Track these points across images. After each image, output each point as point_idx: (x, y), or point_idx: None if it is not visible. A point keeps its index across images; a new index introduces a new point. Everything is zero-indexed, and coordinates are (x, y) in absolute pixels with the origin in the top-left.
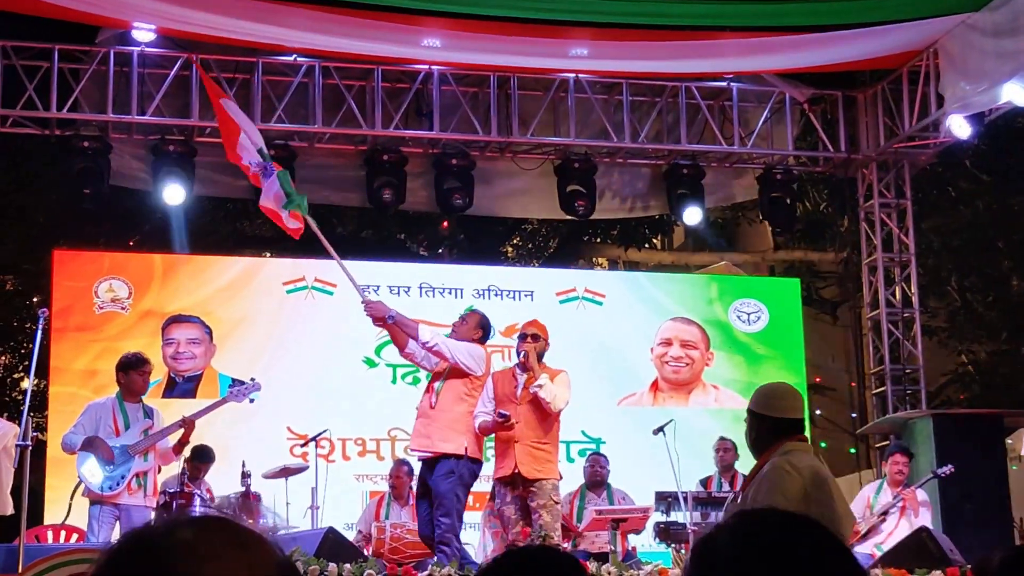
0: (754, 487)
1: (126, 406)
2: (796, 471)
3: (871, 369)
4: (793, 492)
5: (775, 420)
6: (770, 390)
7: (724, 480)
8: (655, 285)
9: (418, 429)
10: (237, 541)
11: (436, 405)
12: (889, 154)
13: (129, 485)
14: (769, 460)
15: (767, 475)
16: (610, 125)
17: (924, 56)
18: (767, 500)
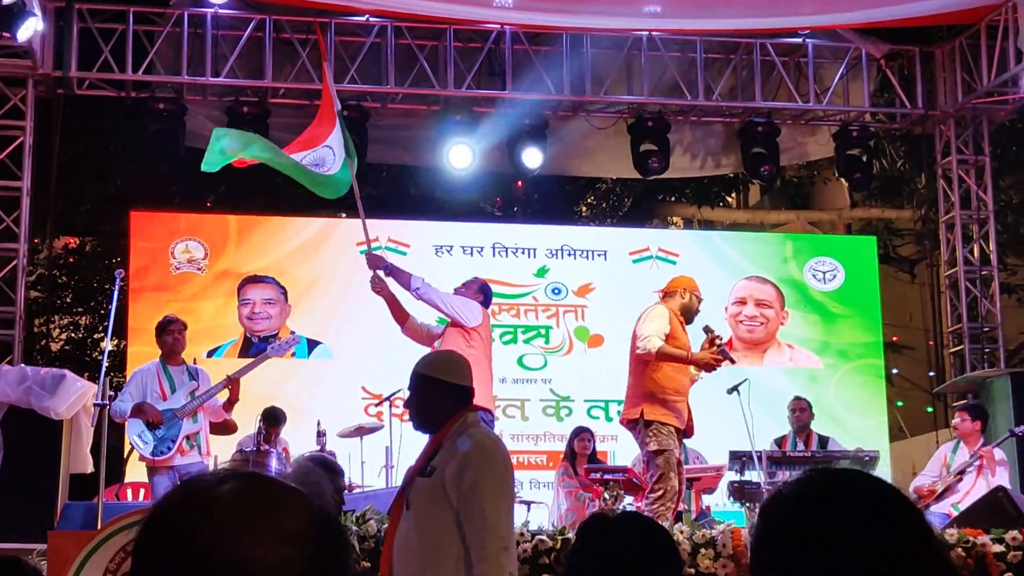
0: (456, 463)
1: (170, 370)
2: (495, 444)
3: (949, 328)
4: (502, 465)
5: (459, 387)
6: (448, 355)
7: (799, 440)
8: (729, 244)
9: None
10: (273, 492)
11: None
12: (967, 110)
13: (180, 447)
14: (460, 432)
15: (474, 451)
16: (683, 83)
17: (1003, 10)
18: (481, 476)
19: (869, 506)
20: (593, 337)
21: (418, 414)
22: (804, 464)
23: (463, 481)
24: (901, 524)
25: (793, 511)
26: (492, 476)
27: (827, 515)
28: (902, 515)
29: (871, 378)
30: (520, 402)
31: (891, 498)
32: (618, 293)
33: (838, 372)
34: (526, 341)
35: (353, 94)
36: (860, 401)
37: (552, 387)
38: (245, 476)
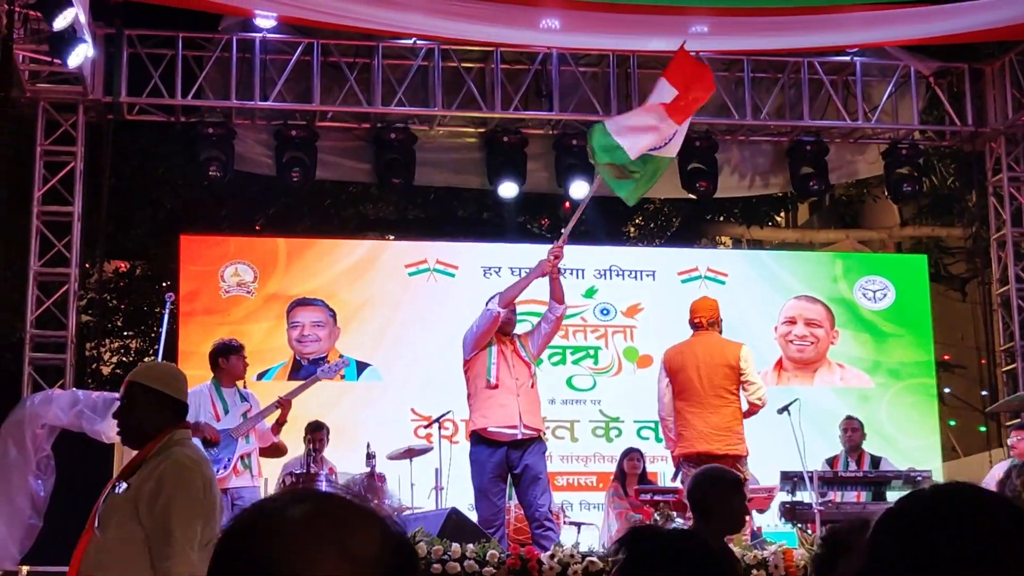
0: (153, 482)
1: (223, 391)
2: (196, 465)
3: (1001, 346)
4: (199, 487)
5: (175, 402)
6: (167, 368)
7: (851, 460)
8: (778, 263)
9: (523, 407)
10: (363, 517)
11: (535, 385)
12: (1018, 127)
13: (235, 468)
14: (165, 449)
15: (170, 470)
16: (731, 102)
17: None
18: (175, 497)
19: (990, 518)
20: (642, 358)
21: (126, 426)
22: (856, 485)
23: (157, 501)
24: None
25: (916, 525)
26: (186, 497)
27: (950, 529)
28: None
29: (923, 397)
30: (570, 423)
31: (1011, 510)
32: (667, 313)
33: (889, 391)
34: (575, 362)
35: (400, 117)
36: (912, 420)
37: (601, 408)
38: (319, 496)
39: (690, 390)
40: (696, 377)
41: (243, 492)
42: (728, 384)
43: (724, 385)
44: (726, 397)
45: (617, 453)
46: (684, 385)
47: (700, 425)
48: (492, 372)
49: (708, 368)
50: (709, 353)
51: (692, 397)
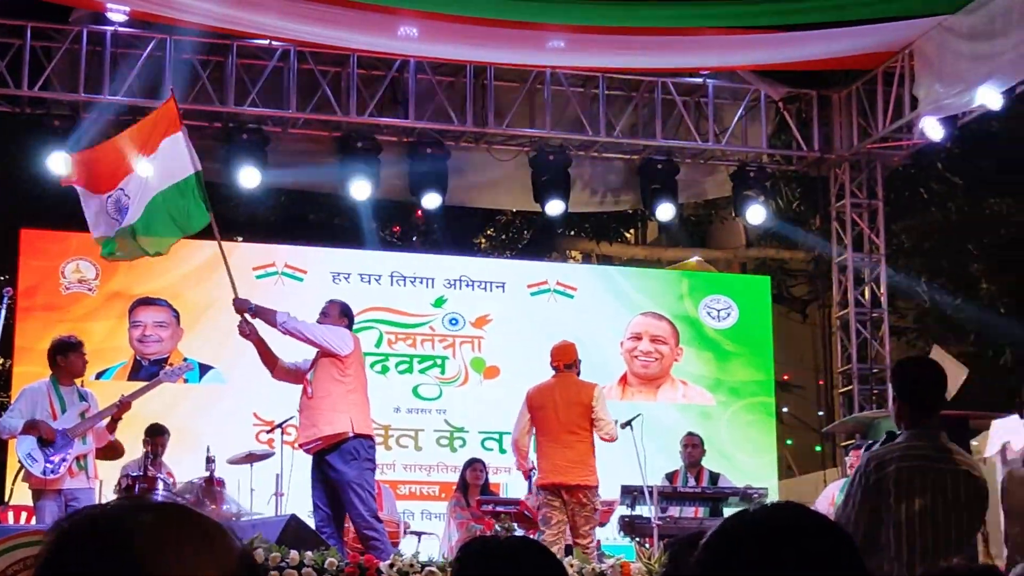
0: None
1: (61, 390)
2: None
3: (839, 368)
4: None
5: None
6: None
7: (690, 475)
8: (627, 279)
9: (302, 423)
10: (201, 531)
11: (313, 394)
12: (862, 154)
13: (71, 469)
14: None
15: None
16: (585, 118)
17: (899, 57)
18: None
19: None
20: (489, 368)
21: None
22: (694, 500)
23: None
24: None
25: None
26: None
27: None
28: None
29: (762, 416)
30: (414, 432)
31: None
32: (515, 325)
33: (730, 409)
34: (422, 371)
35: (253, 117)
36: (750, 438)
37: (447, 418)
38: (162, 508)
39: (549, 427)
40: (554, 415)
41: (78, 494)
42: (582, 421)
43: (579, 423)
44: (580, 433)
45: (461, 463)
46: (543, 422)
47: (557, 459)
48: None
49: (565, 407)
50: (566, 394)
51: (550, 433)
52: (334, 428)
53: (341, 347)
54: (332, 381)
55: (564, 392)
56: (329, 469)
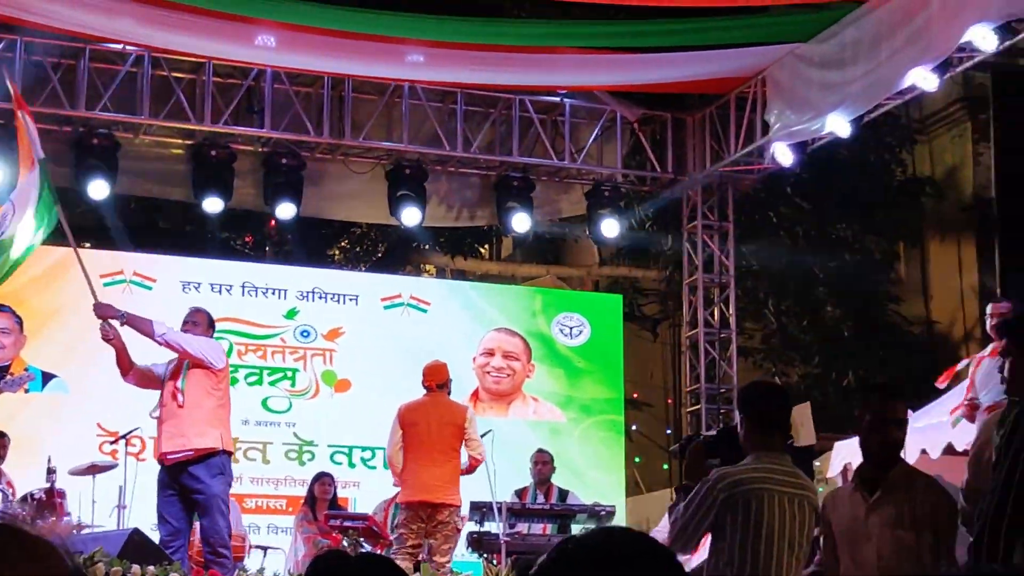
0: None
1: None
2: None
3: (687, 387)
4: None
5: None
6: None
7: (539, 492)
8: (480, 295)
9: (167, 432)
10: (29, 549)
11: (185, 403)
12: (714, 177)
13: None
14: None
15: None
16: (443, 133)
17: (752, 83)
18: None
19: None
20: (340, 382)
21: None
22: (543, 517)
23: None
24: None
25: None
26: None
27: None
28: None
29: (611, 433)
30: (262, 445)
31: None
32: (368, 339)
33: (580, 426)
34: (272, 383)
35: (104, 122)
36: (600, 455)
37: (296, 431)
38: None
39: (420, 445)
40: (427, 434)
41: None
42: (454, 442)
43: (451, 443)
44: (450, 453)
45: (309, 477)
46: (414, 439)
47: (425, 477)
48: None
49: (438, 427)
50: (439, 413)
51: (421, 450)
52: (205, 442)
53: (216, 361)
54: (205, 393)
55: (437, 412)
56: (194, 483)
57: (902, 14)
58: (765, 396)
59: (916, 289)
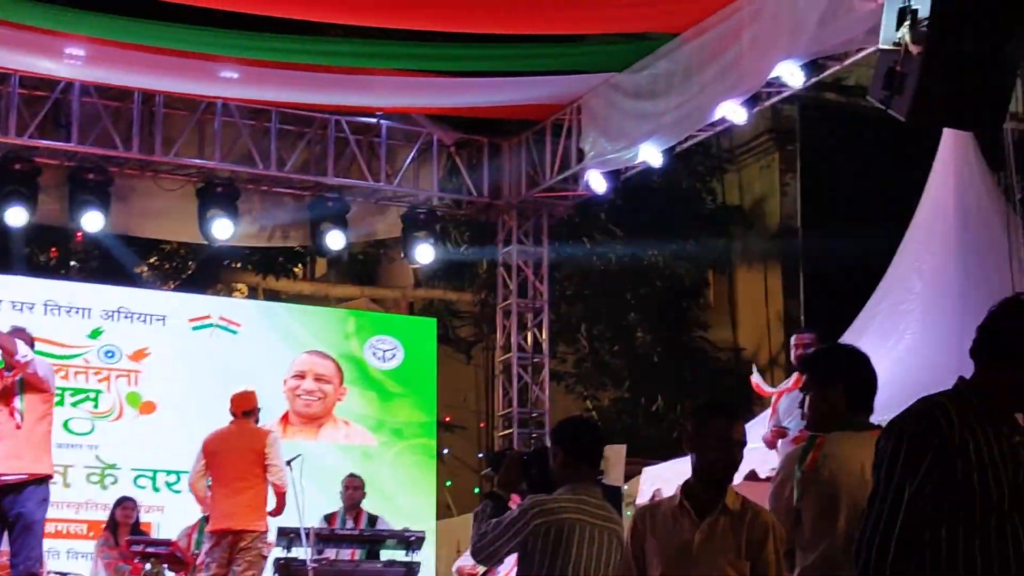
0: None
1: None
2: None
3: (500, 411)
4: None
5: None
6: None
7: (349, 517)
8: (292, 317)
9: (5, 451)
10: None
11: (23, 425)
12: (529, 202)
13: None
14: None
15: None
16: (256, 151)
17: (568, 110)
18: None
19: None
20: (145, 404)
21: None
22: (351, 542)
23: None
24: None
25: None
26: None
27: None
28: None
29: (423, 457)
30: (63, 468)
31: None
32: (175, 360)
33: (392, 450)
34: (74, 404)
35: None
36: (412, 479)
37: (98, 454)
38: None
39: (222, 473)
40: (228, 462)
41: None
42: (255, 468)
43: (251, 469)
44: (251, 479)
45: (111, 501)
46: (217, 468)
47: (226, 505)
48: None
49: (239, 454)
50: (241, 441)
51: (223, 479)
52: (39, 467)
53: (53, 386)
54: (41, 417)
55: (239, 439)
56: (18, 506)
57: (714, 49)
58: (581, 430)
59: (724, 315)
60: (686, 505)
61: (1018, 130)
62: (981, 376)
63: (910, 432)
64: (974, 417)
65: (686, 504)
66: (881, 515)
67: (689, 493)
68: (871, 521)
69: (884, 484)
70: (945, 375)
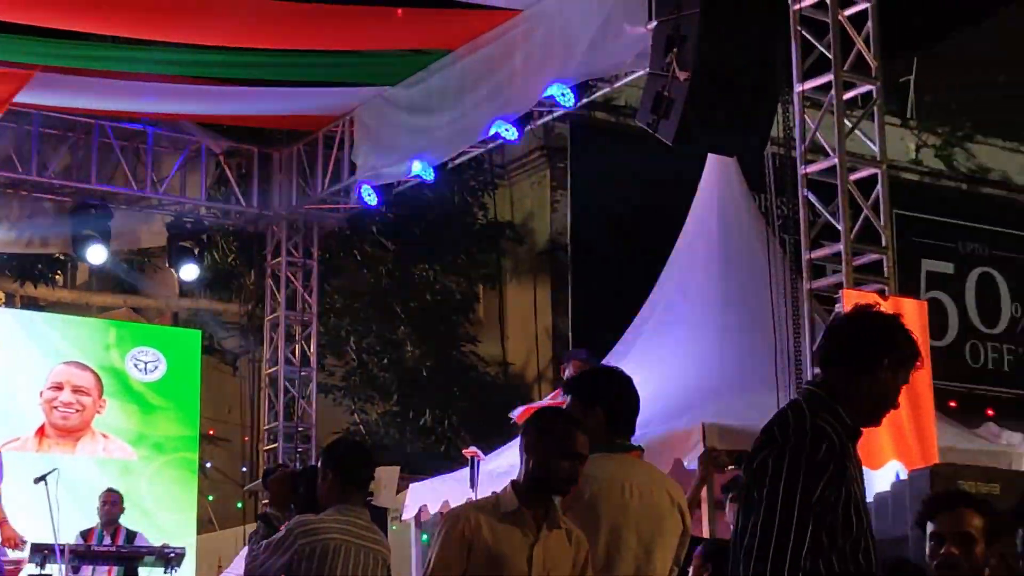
0: None
1: None
2: None
3: (265, 425)
4: None
5: None
6: None
7: (107, 533)
8: (51, 326)
9: None
10: None
11: None
12: (300, 214)
13: None
14: None
15: None
16: (16, 155)
17: (341, 122)
18: None
19: None
20: None
21: None
22: (108, 559)
23: None
24: None
25: None
26: None
27: None
28: None
29: (185, 472)
30: None
31: None
32: None
33: (152, 464)
34: None
35: None
36: (172, 495)
37: None
38: None
39: None
40: None
41: None
42: None
43: None
44: None
45: None
46: None
47: None
48: None
49: None
50: None
51: None
52: None
53: None
54: None
55: None
56: None
57: (487, 67)
58: (351, 454)
59: (494, 330)
60: (521, 513)
61: (778, 155)
62: (839, 387)
63: (806, 452)
64: (847, 437)
65: (521, 512)
66: (770, 533)
67: (524, 500)
68: (760, 537)
69: (772, 500)
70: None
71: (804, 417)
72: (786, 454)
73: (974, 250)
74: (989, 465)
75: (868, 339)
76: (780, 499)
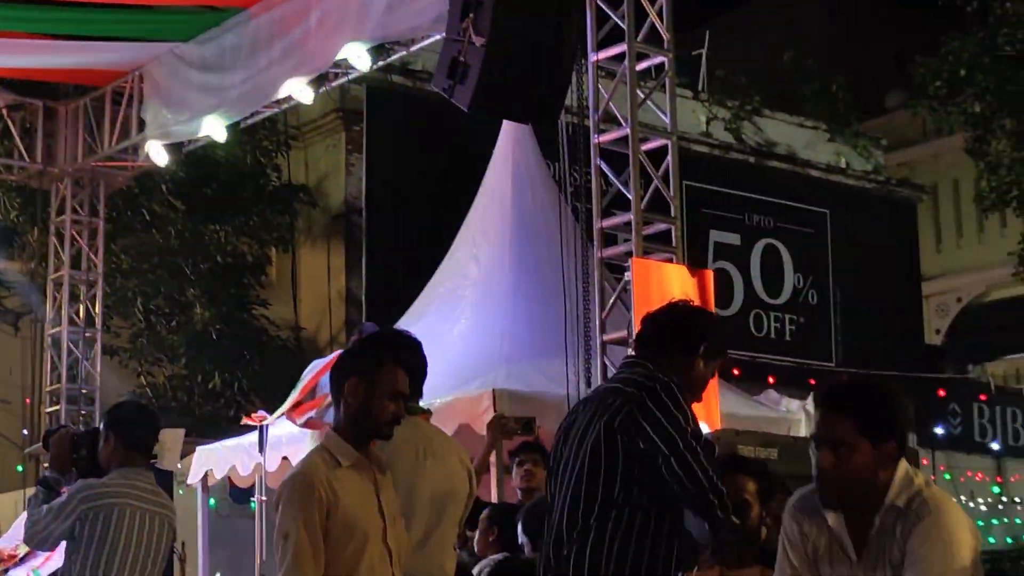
0: None
1: None
2: None
3: (48, 386)
4: None
5: None
6: None
7: None
8: None
9: None
10: None
11: None
12: (86, 171)
13: None
14: None
15: None
16: None
17: (130, 78)
18: None
19: None
20: None
21: None
22: None
23: None
24: None
25: None
26: None
27: None
28: None
29: None
30: None
31: None
32: None
33: None
34: None
35: None
36: None
37: None
38: None
39: None
40: None
41: None
42: None
43: None
44: None
45: None
46: None
47: None
48: None
49: None
50: None
51: None
52: None
53: None
54: None
55: None
56: None
57: (281, 26)
58: (135, 417)
59: (286, 293)
60: (363, 461)
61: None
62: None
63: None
64: None
65: (363, 460)
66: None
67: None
68: (694, 475)
69: (681, 445)
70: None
71: (672, 391)
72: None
73: (760, 222)
74: (768, 431)
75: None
76: (681, 446)
